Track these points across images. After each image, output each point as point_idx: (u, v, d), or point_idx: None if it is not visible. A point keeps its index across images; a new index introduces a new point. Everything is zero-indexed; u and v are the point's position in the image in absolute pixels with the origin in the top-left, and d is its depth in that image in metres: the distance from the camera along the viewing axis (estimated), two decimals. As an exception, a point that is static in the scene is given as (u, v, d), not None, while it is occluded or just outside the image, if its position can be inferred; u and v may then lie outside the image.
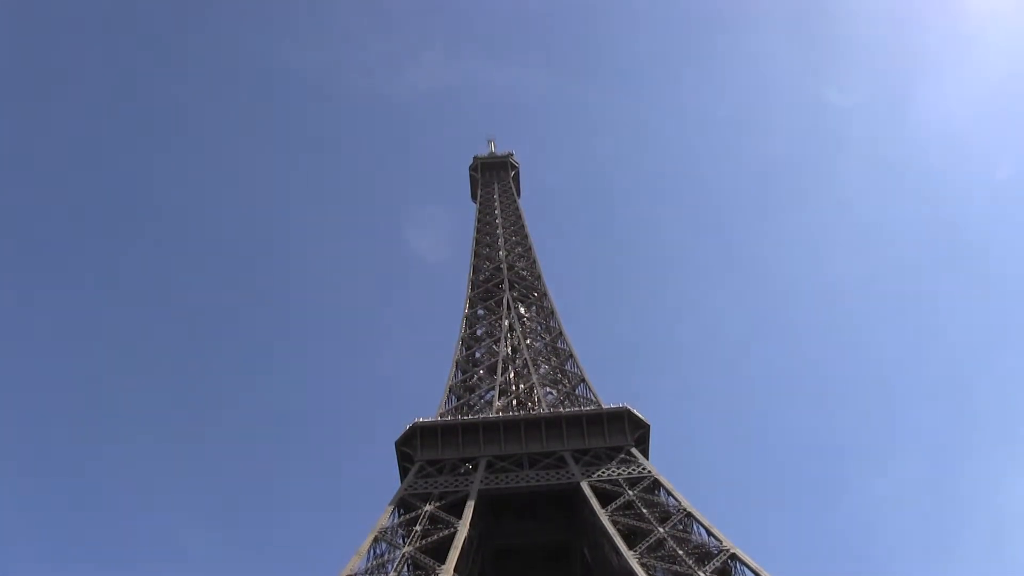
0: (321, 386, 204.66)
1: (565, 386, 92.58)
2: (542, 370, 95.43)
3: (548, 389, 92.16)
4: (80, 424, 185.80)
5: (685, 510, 71.19)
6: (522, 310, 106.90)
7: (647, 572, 64.03)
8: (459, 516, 71.83)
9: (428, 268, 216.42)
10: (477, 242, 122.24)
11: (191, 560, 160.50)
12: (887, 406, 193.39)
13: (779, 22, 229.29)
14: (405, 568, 66.82)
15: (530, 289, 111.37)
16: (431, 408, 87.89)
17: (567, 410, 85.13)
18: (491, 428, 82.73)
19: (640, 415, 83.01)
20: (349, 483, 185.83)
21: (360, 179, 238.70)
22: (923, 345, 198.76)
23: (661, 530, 68.97)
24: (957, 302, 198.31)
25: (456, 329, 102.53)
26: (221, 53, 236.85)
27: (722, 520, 70.07)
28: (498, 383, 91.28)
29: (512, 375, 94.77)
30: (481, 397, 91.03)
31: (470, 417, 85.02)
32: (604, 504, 73.09)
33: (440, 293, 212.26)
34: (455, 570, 65.53)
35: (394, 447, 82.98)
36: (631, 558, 65.47)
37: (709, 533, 68.33)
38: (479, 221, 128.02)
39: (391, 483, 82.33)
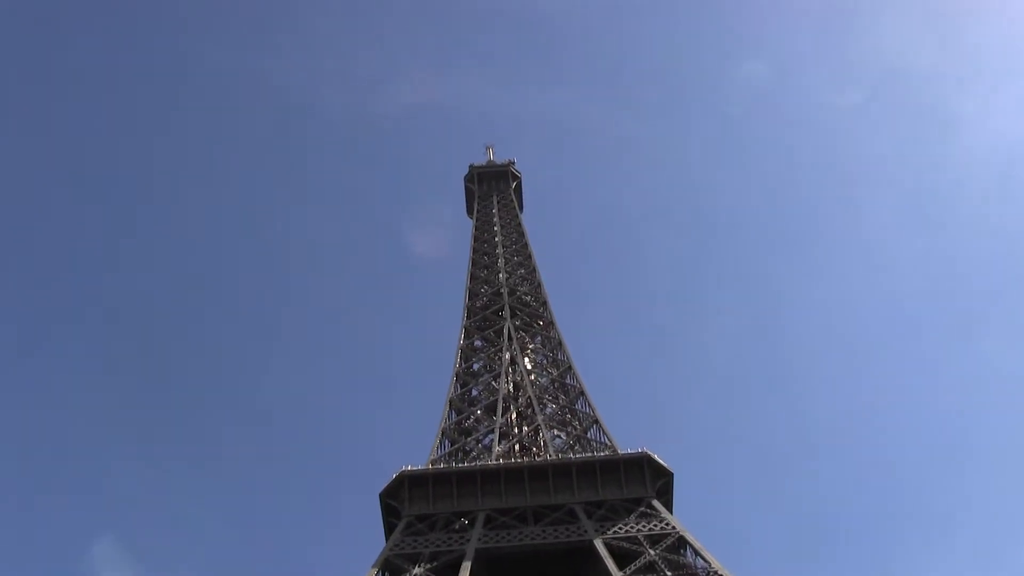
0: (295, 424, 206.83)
1: (575, 428, 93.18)
2: (548, 410, 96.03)
3: (556, 432, 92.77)
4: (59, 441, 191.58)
5: (716, 572, 71.43)
6: (526, 341, 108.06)
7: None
8: (454, 580, 72.46)
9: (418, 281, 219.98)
10: (474, 263, 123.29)
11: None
12: (947, 463, 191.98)
13: (791, 29, 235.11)
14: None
15: (534, 317, 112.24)
16: (421, 454, 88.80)
17: (578, 456, 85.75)
18: (490, 477, 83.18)
19: (662, 461, 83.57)
20: (331, 537, 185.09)
21: (344, 194, 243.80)
22: (984, 395, 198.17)
23: (688, 597, 70.06)
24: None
25: (450, 363, 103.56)
26: (194, 63, 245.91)
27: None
28: (498, 425, 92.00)
29: (514, 416, 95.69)
30: (479, 441, 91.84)
31: (466, 464, 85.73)
32: (621, 565, 73.43)
33: (435, 316, 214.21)
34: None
35: (378, 499, 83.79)
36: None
37: (744, 601, 69.34)
38: (476, 239, 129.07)
39: (374, 539, 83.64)
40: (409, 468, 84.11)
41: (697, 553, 73.95)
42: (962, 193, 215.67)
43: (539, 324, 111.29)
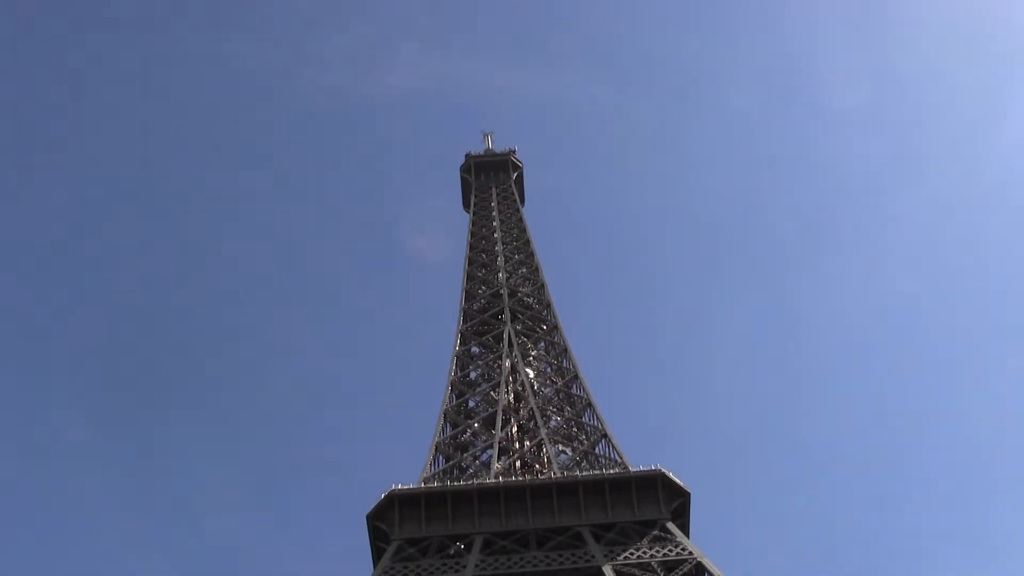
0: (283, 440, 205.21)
1: (582, 443, 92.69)
2: (553, 423, 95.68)
3: (560, 447, 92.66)
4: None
5: (738, 604, 71.45)
6: (527, 347, 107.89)
7: None
8: (448, 612, 73.01)
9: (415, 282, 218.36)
10: (471, 262, 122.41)
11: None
12: (980, 475, 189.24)
13: (803, 24, 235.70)
14: None
15: (537, 321, 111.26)
16: (412, 472, 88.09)
17: (585, 473, 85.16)
18: (489, 496, 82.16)
19: (678, 480, 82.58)
20: (313, 564, 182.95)
21: (329, 187, 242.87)
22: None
23: (708, 631, 70.09)
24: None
25: (444, 372, 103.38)
26: (162, 49, 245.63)
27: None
28: (497, 439, 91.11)
29: (515, 429, 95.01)
30: (476, 457, 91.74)
31: (462, 483, 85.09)
32: (634, 595, 73.59)
33: (428, 320, 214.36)
34: None
35: (365, 521, 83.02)
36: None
37: (769, 635, 68.54)
38: (473, 236, 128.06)
39: (361, 566, 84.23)
40: (399, 487, 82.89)
41: (717, 582, 73.74)
42: (979, 193, 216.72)
43: (542, 328, 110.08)
